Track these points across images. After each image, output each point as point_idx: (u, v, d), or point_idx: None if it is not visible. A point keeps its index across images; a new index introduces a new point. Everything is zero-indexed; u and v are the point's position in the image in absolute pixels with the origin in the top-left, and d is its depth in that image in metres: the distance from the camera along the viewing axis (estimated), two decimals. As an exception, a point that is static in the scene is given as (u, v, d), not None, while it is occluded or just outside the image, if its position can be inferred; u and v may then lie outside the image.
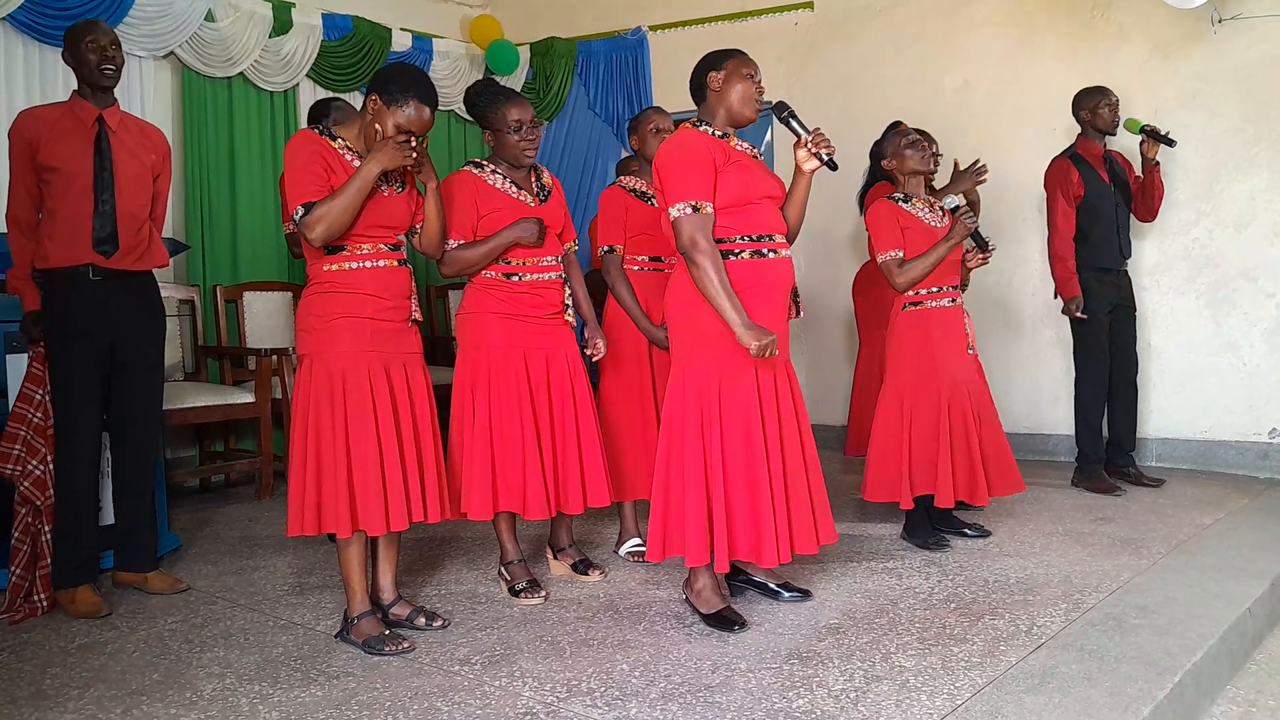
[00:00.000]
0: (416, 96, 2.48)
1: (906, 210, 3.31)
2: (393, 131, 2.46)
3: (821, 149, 2.59)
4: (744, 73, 2.63)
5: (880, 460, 3.32)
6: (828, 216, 5.29)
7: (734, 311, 2.48)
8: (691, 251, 2.51)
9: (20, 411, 2.93)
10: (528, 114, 2.87)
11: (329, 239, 2.43)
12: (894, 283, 3.28)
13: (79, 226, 2.88)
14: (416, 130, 2.49)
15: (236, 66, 5.05)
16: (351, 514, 2.47)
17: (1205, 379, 4.58)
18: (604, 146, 6.21)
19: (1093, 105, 4.13)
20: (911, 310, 3.30)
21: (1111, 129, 4.14)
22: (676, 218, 2.53)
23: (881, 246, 3.28)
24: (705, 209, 2.53)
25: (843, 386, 5.50)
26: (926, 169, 3.36)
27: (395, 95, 2.46)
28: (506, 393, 2.84)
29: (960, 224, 3.24)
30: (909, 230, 3.27)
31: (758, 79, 2.66)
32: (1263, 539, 3.36)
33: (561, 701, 2.16)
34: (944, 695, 2.12)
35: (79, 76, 2.94)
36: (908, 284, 3.26)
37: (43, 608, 2.88)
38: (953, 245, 3.25)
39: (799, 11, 5.61)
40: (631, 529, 3.33)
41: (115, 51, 2.95)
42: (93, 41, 2.90)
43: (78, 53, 2.91)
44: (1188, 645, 2.37)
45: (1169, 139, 4.06)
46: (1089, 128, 4.16)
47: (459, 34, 6.32)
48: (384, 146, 2.44)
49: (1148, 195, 4.20)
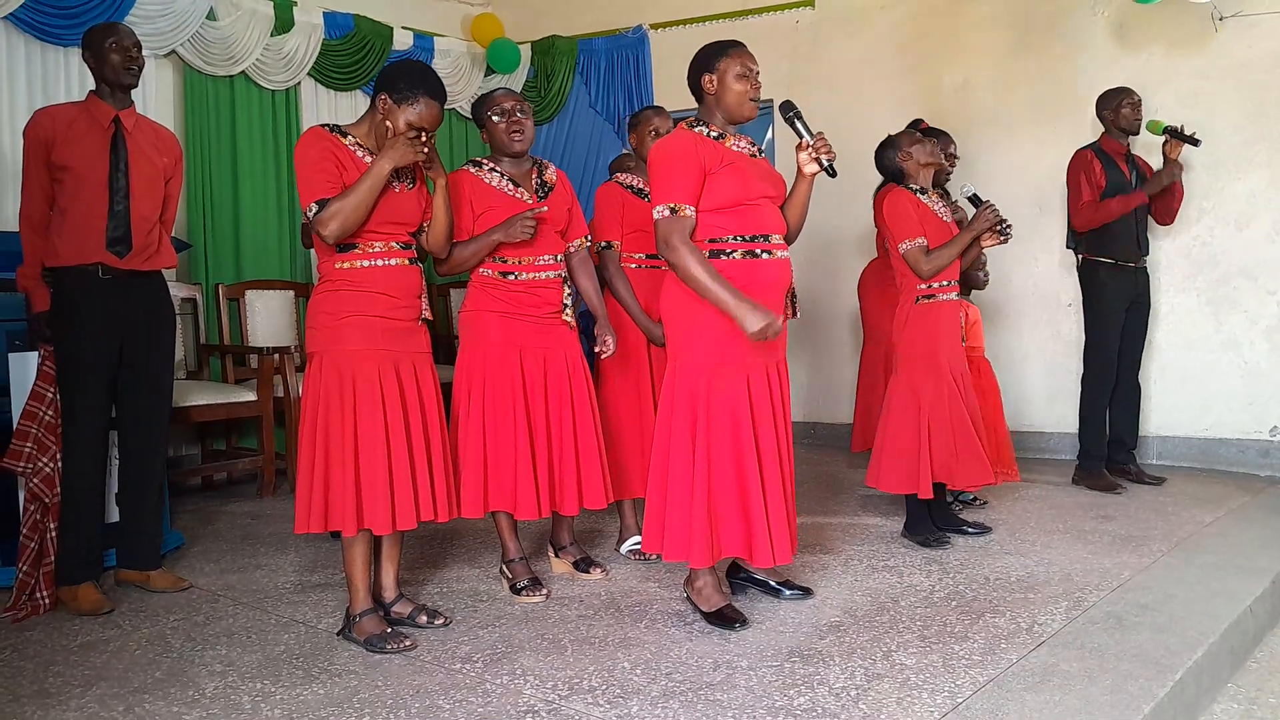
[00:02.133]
0: (426, 93, 2.49)
1: (924, 202, 3.33)
2: (404, 128, 2.47)
3: (822, 154, 2.59)
4: (736, 72, 2.61)
5: (895, 451, 3.32)
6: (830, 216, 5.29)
7: (728, 294, 2.47)
8: (665, 252, 2.53)
9: (32, 409, 2.94)
10: (512, 100, 2.91)
11: (343, 236, 2.43)
12: (919, 270, 3.28)
13: (92, 226, 2.89)
14: (428, 126, 2.50)
15: (238, 65, 5.05)
16: (358, 513, 2.48)
17: (1206, 377, 4.58)
18: (605, 145, 6.20)
19: (1115, 105, 4.14)
20: (925, 303, 3.32)
21: (1134, 128, 4.15)
22: (656, 219, 2.55)
23: (904, 235, 3.28)
24: (684, 211, 2.53)
25: (844, 385, 5.51)
26: (936, 160, 3.39)
27: (405, 93, 2.48)
28: (501, 391, 2.85)
29: (982, 215, 3.27)
30: (926, 221, 3.29)
31: (752, 75, 2.63)
32: (1264, 536, 3.37)
33: (563, 699, 2.16)
34: (945, 693, 2.13)
35: (99, 76, 2.96)
36: (933, 271, 3.27)
37: (45, 605, 2.89)
38: (976, 233, 3.27)
39: (800, 10, 5.61)
40: (632, 527, 3.34)
41: (138, 53, 2.99)
42: (116, 43, 2.93)
43: (100, 53, 2.93)
44: (1188, 643, 2.37)
45: (1194, 138, 4.07)
46: (1112, 127, 4.17)
47: (460, 32, 6.32)
48: (395, 143, 2.44)
49: (1168, 198, 4.19)
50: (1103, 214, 4.03)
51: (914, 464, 3.27)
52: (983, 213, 3.27)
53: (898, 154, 3.38)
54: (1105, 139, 4.19)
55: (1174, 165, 4.06)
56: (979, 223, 3.27)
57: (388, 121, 2.50)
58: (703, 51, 2.68)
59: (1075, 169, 4.16)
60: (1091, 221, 4.07)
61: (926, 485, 3.26)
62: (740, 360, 2.57)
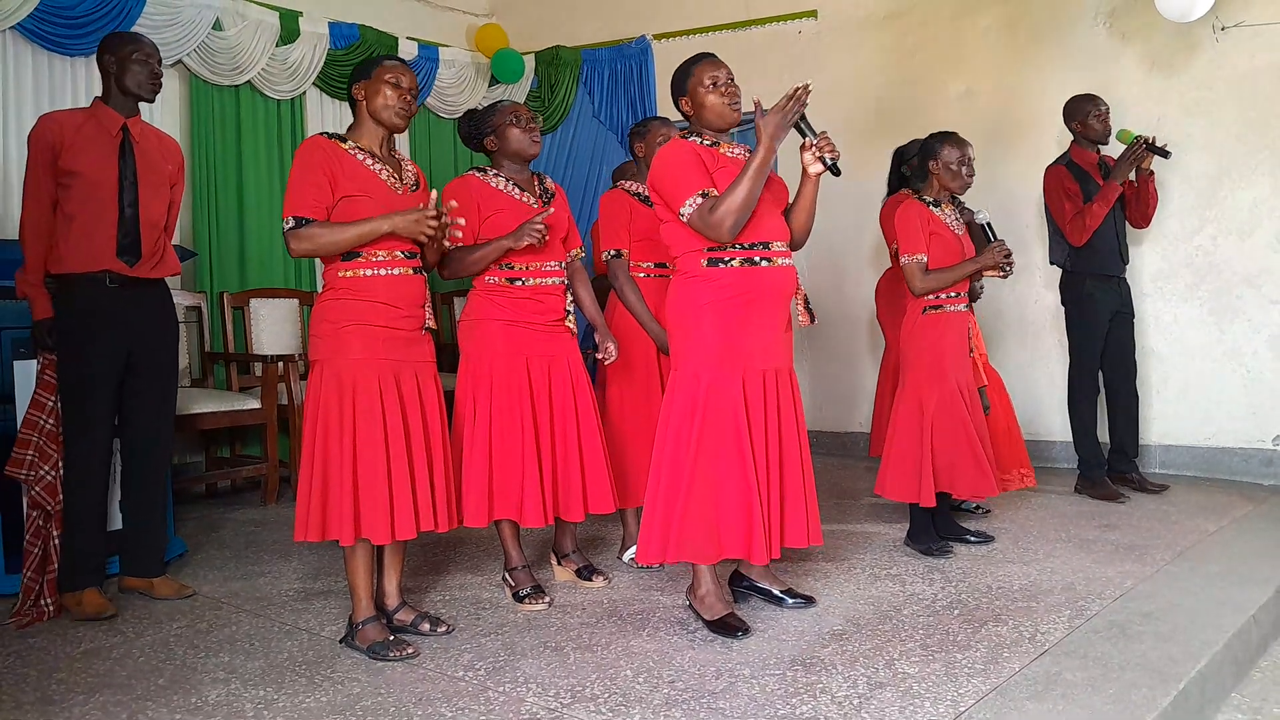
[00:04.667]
0: (383, 60, 2.60)
1: (936, 215, 3.33)
2: (394, 97, 2.54)
3: (826, 153, 2.59)
4: (705, 85, 2.63)
5: (900, 459, 3.33)
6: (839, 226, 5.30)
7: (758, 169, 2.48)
8: (714, 228, 2.50)
9: (33, 418, 2.95)
10: (524, 108, 2.98)
11: (306, 257, 2.46)
12: (913, 286, 3.29)
13: (101, 233, 2.90)
14: (407, 82, 2.58)
15: (244, 75, 5.08)
16: (355, 522, 2.48)
17: (1209, 386, 4.58)
18: (608, 155, 6.22)
19: (1082, 116, 4.14)
20: (932, 314, 3.32)
21: (1103, 139, 4.16)
22: (689, 212, 2.53)
23: (908, 249, 3.29)
24: (713, 193, 2.54)
25: (853, 393, 5.52)
26: (959, 193, 3.37)
27: (368, 70, 2.58)
28: (507, 400, 2.85)
29: (990, 252, 3.27)
30: (936, 236, 3.29)
31: (723, 82, 2.63)
32: (1267, 546, 3.36)
33: (565, 707, 2.16)
34: (947, 702, 2.12)
35: (117, 84, 2.98)
36: (926, 291, 3.28)
37: (49, 613, 2.90)
38: (978, 267, 3.28)
39: (803, 20, 5.63)
40: (634, 535, 3.33)
41: (160, 69, 3.05)
42: (143, 57, 2.97)
43: (123, 62, 2.95)
44: (1192, 652, 2.36)
45: (1164, 150, 4.06)
46: (1080, 138, 4.18)
47: (465, 43, 6.35)
48: (409, 215, 2.47)
49: (1141, 202, 4.21)
50: (1091, 218, 4.04)
51: (916, 473, 3.28)
52: (992, 250, 3.27)
53: (935, 157, 3.33)
54: (1075, 149, 4.19)
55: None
56: (985, 258, 3.28)
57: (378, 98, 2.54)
58: (673, 77, 2.73)
59: (1052, 187, 4.17)
60: (1085, 231, 4.07)
61: (929, 494, 3.27)
62: (739, 367, 2.58)
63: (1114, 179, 4.07)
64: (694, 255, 2.61)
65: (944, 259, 3.29)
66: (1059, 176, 4.14)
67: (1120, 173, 4.07)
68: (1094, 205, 4.04)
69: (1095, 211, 4.04)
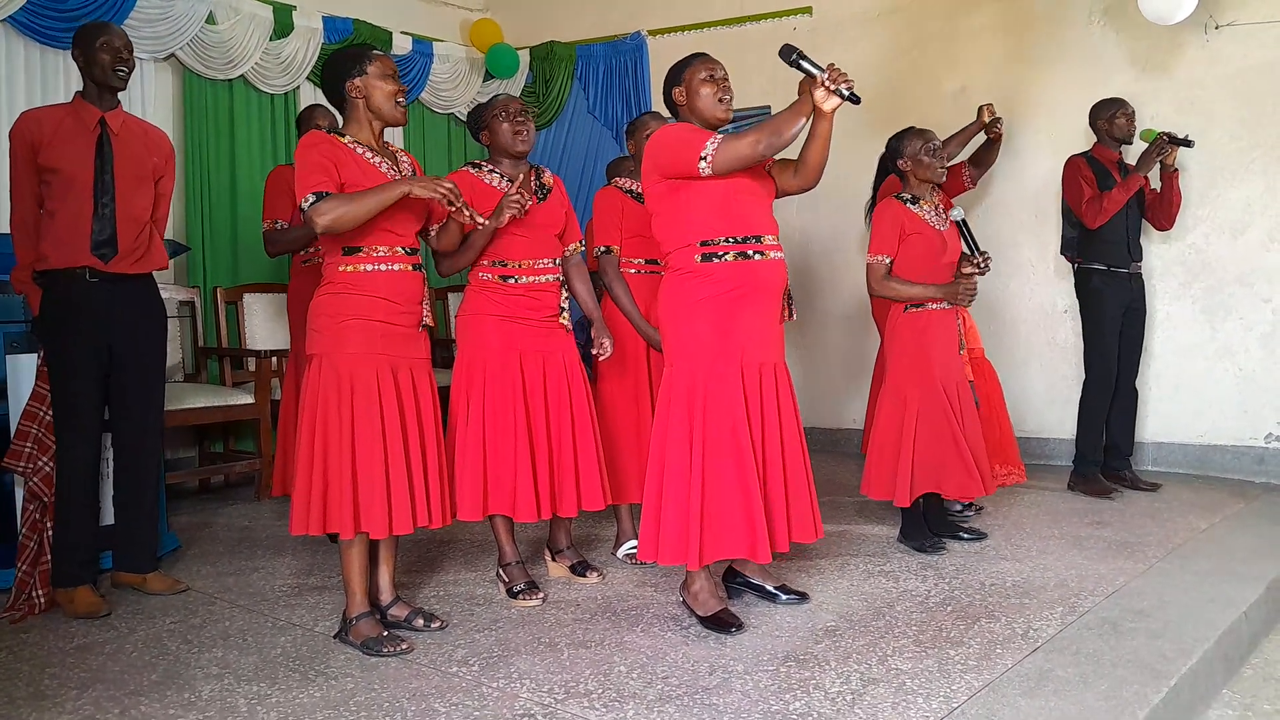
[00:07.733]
0: (370, 50, 2.59)
1: (914, 212, 3.32)
2: (394, 90, 2.54)
3: (841, 84, 2.41)
4: (702, 77, 2.63)
5: (879, 458, 3.34)
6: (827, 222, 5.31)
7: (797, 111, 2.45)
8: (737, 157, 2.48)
9: (33, 409, 2.95)
10: (516, 104, 2.95)
11: (332, 231, 2.44)
12: (871, 285, 3.32)
13: (78, 229, 2.88)
14: (392, 69, 2.57)
15: (237, 69, 5.06)
16: (355, 515, 2.48)
17: (1201, 384, 4.60)
18: (603, 150, 6.21)
19: (1109, 115, 4.17)
20: (914, 311, 3.32)
21: (1128, 138, 4.18)
22: (712, 149, 2.49)
23: (874, 248, 3.30)
24: (719, 138, 2.52)
25: (839, 390, 5.52)
26: (939, 181, 3.36)
27: (360, 66, 2.55)
28: (501, 395, 2.85)
29: (960, 287, 3.26)
30: (914, 235, 3.28)
31: (719, 77, 2.64)
32: (1258, 543, 3.38)
33: (559, 703, 2.16)
34: (940, 698, 2.13)
35: (88, 76, 2.94)
36: (881, 294, 3.32)
37: (40, 605, 2.89)
38: (939, 295, 3.28)
39: (797, 16, 5.62)
40: (629, 531, 3.34)
41: (129, 54, 2.97)
42: (106, 43, 2.92)
43: (89, 53, 2.91)
44: (1183, 649, 2.38)
45: (1187, 140, 4.10)
46: (1106, 137, 4.19)
47: (459, 37, 6.34)
48: (426, 180, 2.47)
49: (1166, 203, 4.22)
50: (1110, 203, 4.05)
51: (893, 472, 3.29)
52: (961, 285, 3.27)
53: (905, 156, 3.34)
54: (1098, 148, 4.22)
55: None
56: (947, 292, 3.27)
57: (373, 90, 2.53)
58: (669, 71, 2.73)
59: (1070, 174, 4.19)
60: (1103, 214, 4.07)
61: (904, 493, 3.26)
62: (735, 362, 2.58)
63: (1138, 170, 4.10)
64: (687, 251, 2.61)
65: (926, 257, 3.29)
66: (1078, 166, 4.17)
67: (1145, 164, 4.10)
68: (1115, 191, 4.06)
69: (1115, 197, 4.05)
